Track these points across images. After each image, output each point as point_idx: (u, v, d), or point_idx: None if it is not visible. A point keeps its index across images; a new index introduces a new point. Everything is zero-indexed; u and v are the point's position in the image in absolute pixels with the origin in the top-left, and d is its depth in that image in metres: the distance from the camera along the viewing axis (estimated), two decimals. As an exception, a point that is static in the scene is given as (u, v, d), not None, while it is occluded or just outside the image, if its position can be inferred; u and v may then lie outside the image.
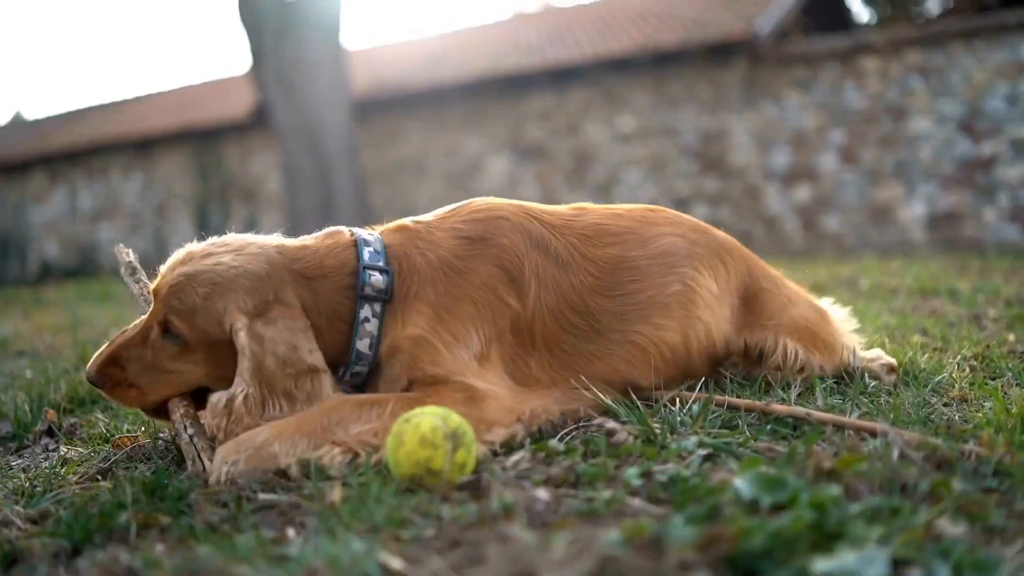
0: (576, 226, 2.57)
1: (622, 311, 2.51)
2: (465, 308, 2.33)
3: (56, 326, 6.92)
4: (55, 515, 1.93)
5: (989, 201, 12.40)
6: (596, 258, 2.53)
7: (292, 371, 2.20)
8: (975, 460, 1.83)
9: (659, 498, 1.74)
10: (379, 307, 2.34)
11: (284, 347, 2.21)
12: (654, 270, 2.57)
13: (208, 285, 2.24)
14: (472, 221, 2.47)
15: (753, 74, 13.84)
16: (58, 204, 20.86)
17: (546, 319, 2.42)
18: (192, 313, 2.23)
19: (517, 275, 2.40)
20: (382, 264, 2.36)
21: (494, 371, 2.31)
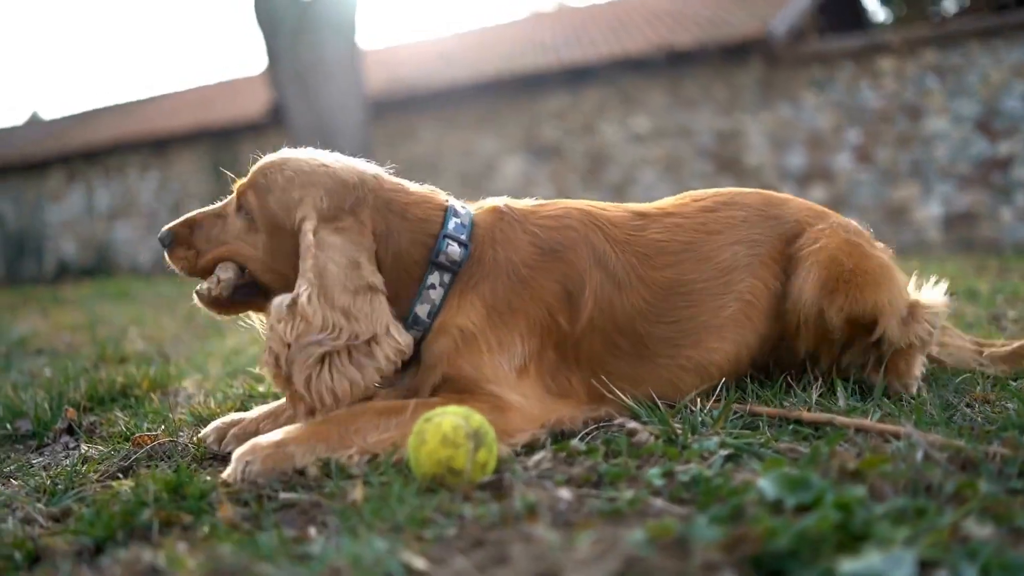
0: (637, 243, 2.49)
1: (672, 337, 2.46)
2: (518, 320, 2.30)
3: (74, 324, 6.96)
4: (77, 513, 1.93)
5: (1006, 201, 12.32)
6: (651, 281, 2.46)
7: (352, 286, 2.21)
8: (1000, 461, 1.81)
9: (682, 498, 1.73)
10: (448, 278, 2.34)
11: (346, 260, 2.23)
12: (711, 291, 2.51)
13: (294, 171, 2.32)
14: (546, 228, 2.43)
15: (768, 74, 13.80)
16: (75, 203, 20.96)
17: (594, 340, 2.39)
18: (268, 191, 2.32)
19: (576, 295, 2.37)
20: (464, 238, 2.36)
21: (529, 384, 2.28)
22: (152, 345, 5.26)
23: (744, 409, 2.36)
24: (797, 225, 2.64)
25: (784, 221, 2.64)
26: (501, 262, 2.35)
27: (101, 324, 6.79)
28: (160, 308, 8.37)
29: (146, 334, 5.95)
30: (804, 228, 2.62)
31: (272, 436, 2.09)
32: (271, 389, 3.26)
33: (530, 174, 15.39)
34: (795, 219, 2.65)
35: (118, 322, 6.94)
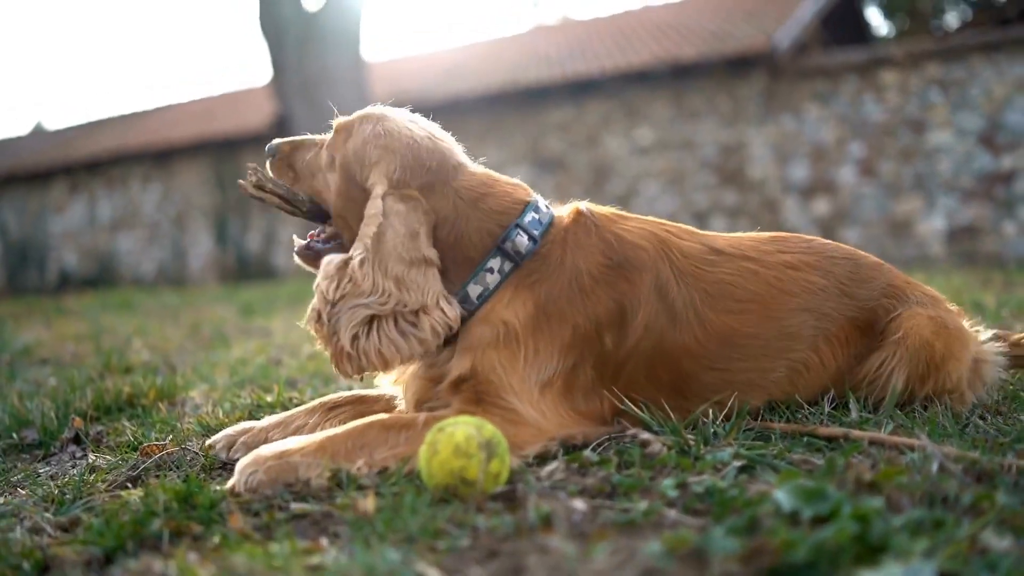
0: (704, 279, 2.41)
1: (715, 385, 2.40)
2: (564, 330, 2.26)
3: (78, 334, 6.95)
4: (86, 523, 1.92)
5: (1009, 215, 12.33)
6: (709, 323, 2.38)
7: (407, 256, 2.24)
8: (1015, 473, 1.80)
9: (696, 509, 1.72)
10: (508, 266, 2.33)
11: (405, 230, 2.26)
12: (766, 351, 2.44)
13: (383, 130, 2.38)
14: (621, 240, 2.39)
15: (772, 87, 13.82)
16: (77, 214, 20.97)
17: (636, 366, 2.33)
18: (350, 138, 2.40)
19: (629, 318, 2.32)
20: (536, 233, 2.36)
21: (551, 401, 2.24)
22: (157, 355, 5.25)
23: (757, 423, 2.35)
24: (875, 309, 2.55)
25: (861, 302, 2.55)
26: (567, 266, 2.32)
27: (105, 334, 6.78)
28: (164, 318, 8.37)
29: (151, 344, 5.94)
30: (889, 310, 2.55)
31: (277, 447, 2.08)
32: (279, 399, 3.25)
33: (535, 185, 15.05)
34: (875, 301, 2.56)
35: (122, 332, 6.93)
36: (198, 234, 19.20)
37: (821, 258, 2.59)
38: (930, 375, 2.46)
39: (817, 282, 2.52)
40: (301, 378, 4.02)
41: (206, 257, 19.08)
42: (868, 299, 2.56)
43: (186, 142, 19.11)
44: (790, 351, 2.46)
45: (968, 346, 2.58)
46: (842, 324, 2.52)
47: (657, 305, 2.34)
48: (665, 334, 2.34)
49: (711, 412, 2.35)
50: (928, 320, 2.50)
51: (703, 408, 2.35)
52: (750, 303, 2.44)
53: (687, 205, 14.32)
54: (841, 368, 2.53)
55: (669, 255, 2.41)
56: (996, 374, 2.68)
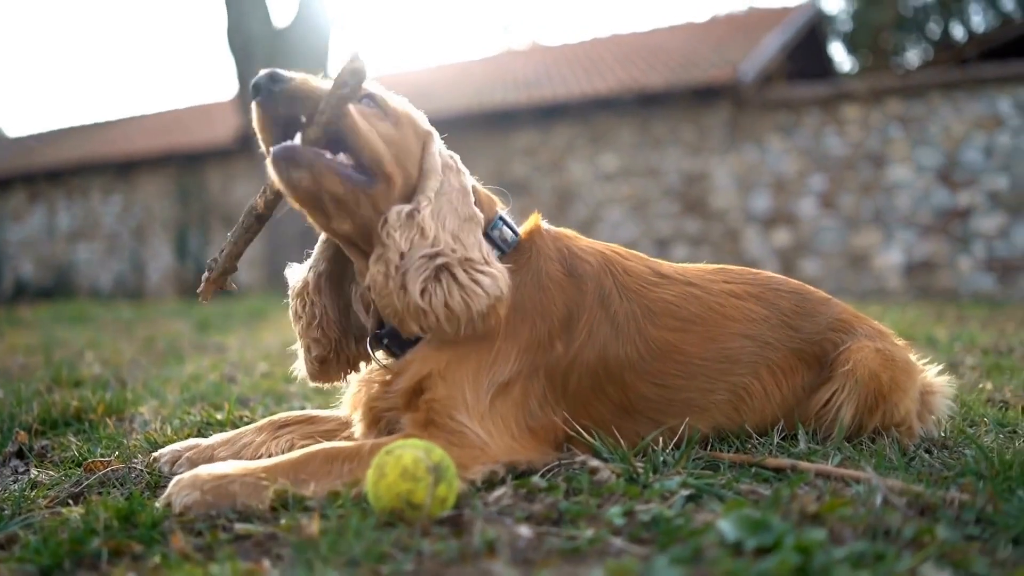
0: (646, 296, 2.47)
1: (657, 401, 2.42)
2: (523, 329, 2.30)
3: (29, 346, 6.85)
4: (24, 540, 1.88)
5: (965, 251, 12.53)
6: (650, 337, 2.42)
7: (463, 212, 2.30)
8: (958, 507, 1.82)
9: (642, 538, 1.71)
10: (495, 255, 2.34)
11: (459, 186, 2.37)
12: (706, 373, 2.47)
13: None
14: (572, 253, 2.47)
15: (736, 118, 13.98)
16: (36, 223, 20.72)
17: (581, 376, 2.35)
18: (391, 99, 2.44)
19: (575, 321, 2.36)
20: (515, 228, 2.48)
21: (504, 413, 2.23)
22: (109, 369, 5.17)
23: (706, 452, 2.36)
24: (822, 343, 2.59)
25: (806, 335, 2.59)
26: (533, 266, 2.39)
27: (57, 347, 6.68)
28: (118, 332, 8.26)
29: (103, 358, 5.86)
30: (837, 344, 2.59)
31: (217, 469, 2.04)
32: (230, 417, 3.21)
33: (497, 209, 15.39)
34: (820, 336, 2.60)
35: (74, 345, 6.83)
36: (158, 247, 19.04)
37: (765, 290, 2.63)
38: (878, 406, 2.50)
39: (759, 312, 2.57)
40: (254, 396, 3.98)
41: (165, 270, 18.91)
42: (814, 332, 2.60)
43: (149, 154, 18.98)
44: (730, 374, 2.49)
45: (914, 378, 2.63)
46: (785, 355, 2.56)
47: (599, 313, 2.39)
48: (607, 344, 2.38)
49: (661, 440, 2.37)
50: (875, 352, 2.53)
51: (653, 435, 2.36)
52: (691, 323, 2.48)
53: (650, 232, 14.41)
54: (787, 399, 2.56)
55: (612, 270, 2.47)
56: (945, 405, 2.74)
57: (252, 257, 17.10)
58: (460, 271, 2.17)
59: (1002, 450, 2.29)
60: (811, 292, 2.71)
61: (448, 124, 12.26)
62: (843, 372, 2.51)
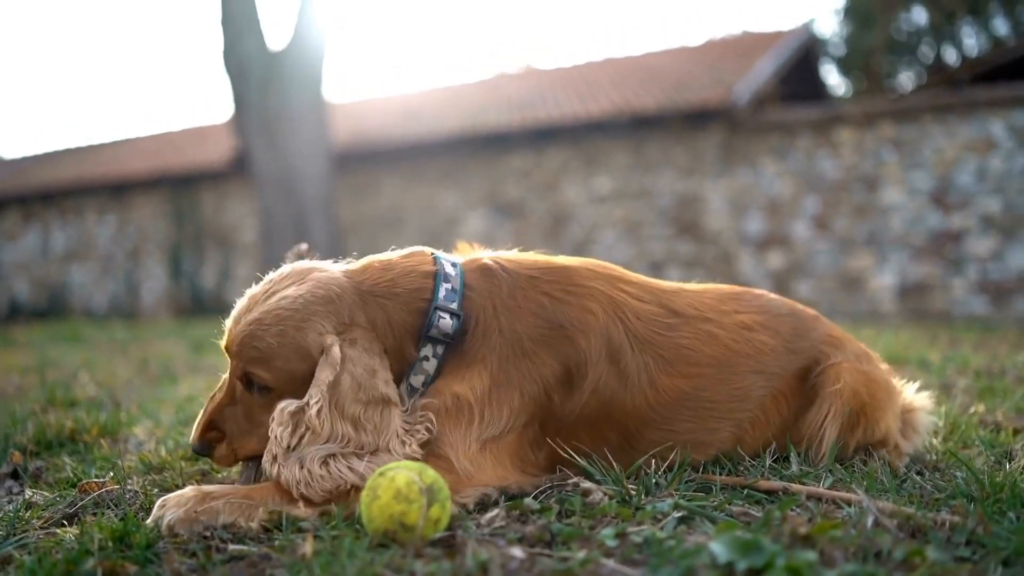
0: (660, 344, 2.40)
1: (659, 442, 2.39)
2: (512, 394, 2.23)
3: (24, 366, 6.84)
4: (18, 560, 1.88)
5: (958, 273, 12.57)
6: (662, 387, 2.38)
7: (364, 397, 2.12)
8: (948, 529, 1.84)
9: (634, 559, 1.72)
10: (441, 349, 2.26)
11: (363, 369, 2.14)
12: (716, 412, 2.46)
13: (279, 324, 2.16)
14: (560, 301, 2.34)
15: (730, 140, 14.04)
16: (30, 243, 20.71)
17: (579, 427, 2.33)
18: (270, 358, 2.16)
19: (577, 380, 2.29)
20: (455, 307, 2.27)
21: (495, 453, 2.22)
22: (103, 390, 5.17)
23: (698, 475, 2.37)
24: (814, 358, 2.62)
25: (803, 355, 2.61)
26: (506, 334, 2.27)
27: (51, 367, 6.67)
28: (113, 353, 8.26)
29: (97, 379, 5.86)
30: (820, 361, 2.61)
31: (206, 490, 2.05)
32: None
33: (492, 231, 15.46)
34: (814, 352, 2.62)
35: (69, 365, 6.82)
36: (152, 268, 19.03)
37: (770, 316, 2.63)
38: (859, 423, 2.54)
39: (768, 343, 2.56)
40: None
41: (160, 291, 18.89)
42: (809, 349, 2.63)
43: (144, 175, 18.99)
44: (738, 411, 2.49)
45: (894, 397, 2.68)
46: (788, 380, 2.57)
47: (607, 370, 2.32)
48: (615, 398, 2.33)
49: (653, 463, 2.37)
50: (859, 372, 2.57)
51: (645, 459, 2.37)
52: (706, 367, 2.45)
53: (643, 254, 14.44)
54: (786, 421, 2.58)
55: (622, 320, 2.38)
56: (927, 420, 2.80)
57: (248, 277, 17.10)
58: (350, 458, 2.09)
59: (993, 472, 2.30)
60: (802, 311, 2.74)
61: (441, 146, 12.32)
62: (832, 390, 2.52)
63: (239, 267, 17.73)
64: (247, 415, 2.24)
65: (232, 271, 17.82)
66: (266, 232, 13.87)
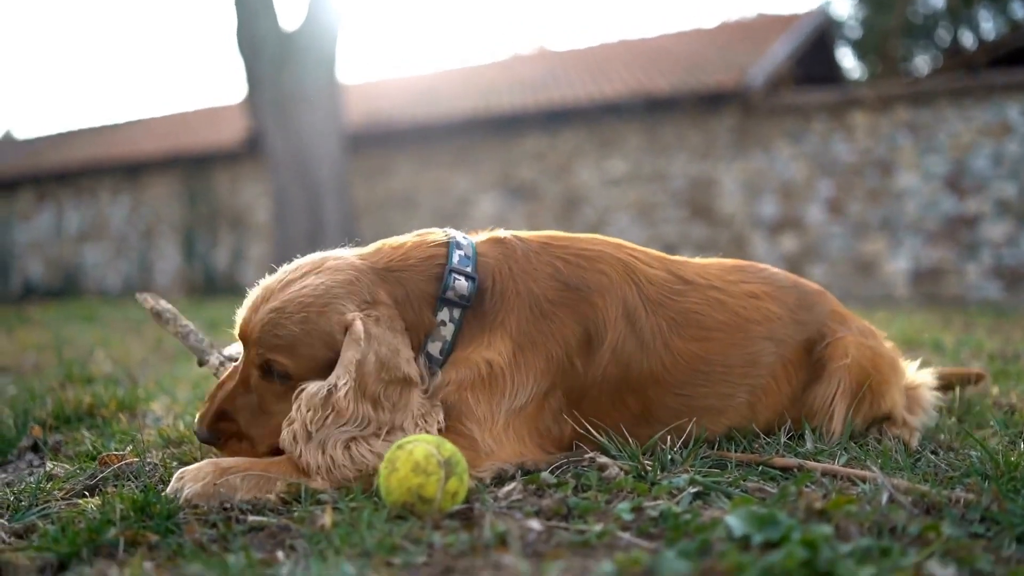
0: (671, 307, 2.44)
1: (677, 409, 2.42)
2: (539, 358, 2.26)
3: (40, 344, 6.89)
4: (42, 530, 1.91)
5: (972, 258, 12.51)
6: (676, 350, 2.41)
7: (387, 376, 2.13)
8: (963, 506, 1.85)
9: (650, 533, 1.74)
10: (459, 313, 2.27)
11: (387, 349, 2.15)
12: (729, 377, 2.49)
13: (302, 311, 2.16)
14: (574, 265, 2.38)
15: (744, 123, 13.99)
16: (44, 224, 20.79)
17: (601, 391, 2.35)
18: (294, 346, 2.16)
19: (596, 342, 2.32)
20: (469, 271, 2.29)
21: (516, 426, 2.23)
22: (119, 367, 5.20)
23: (714, 452, 2.38)
24: (820, 331, 2.65)
25: (809, 327, 2.65)
26: (524, 295, 2.29)
27: (67, 345, 6.71)
28: (128, 331, 8.30)
29: (113, 356, 5.89)
30: (826, 335, 2.64)
31: (224, 463, 2.07)
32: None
33: (505, 213, 15.46)
34: (820, 325, 2.66)
35: (84, 343, 6.86)
36: (165, 248, 19.10)
37: (775, 287, 2.67)
38: (865, 398, 2.56)
39: (775, 311, 2.60)
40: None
41: (173, 272, 18.96)
42: (815, 322, 2.66)
43: (157, 156, 19.03)
44: (751, 377, 2.52)
45: (899, 372, 2.73)
46: (796, 348, 2.61)
47: (625, 330, 2.35)
48: (632, 361, 2.36)
49: (669, 439, 2.39)
50: (865, 347, 2.62)
51: (661, 434, 2.39)
52: (716, 331, 2.48)
53: (657, 237, 14.42)
54: (795, 391, 2.61)
55: (636, 283, 2.42)
56: (931, 396, 2.86)
57: (261, 258, 17.17)
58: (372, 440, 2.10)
59: (1007, 452, 2.31)
60: (806, 284, 2.78)
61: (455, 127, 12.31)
62: (839, 365, 2.56)
63: (252, 248, 17.78)
64: (262, 404, 2.24)
65: (245, 252, 17.87)
66: (279, 213, 13.89)
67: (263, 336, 2.18)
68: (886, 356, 2.68)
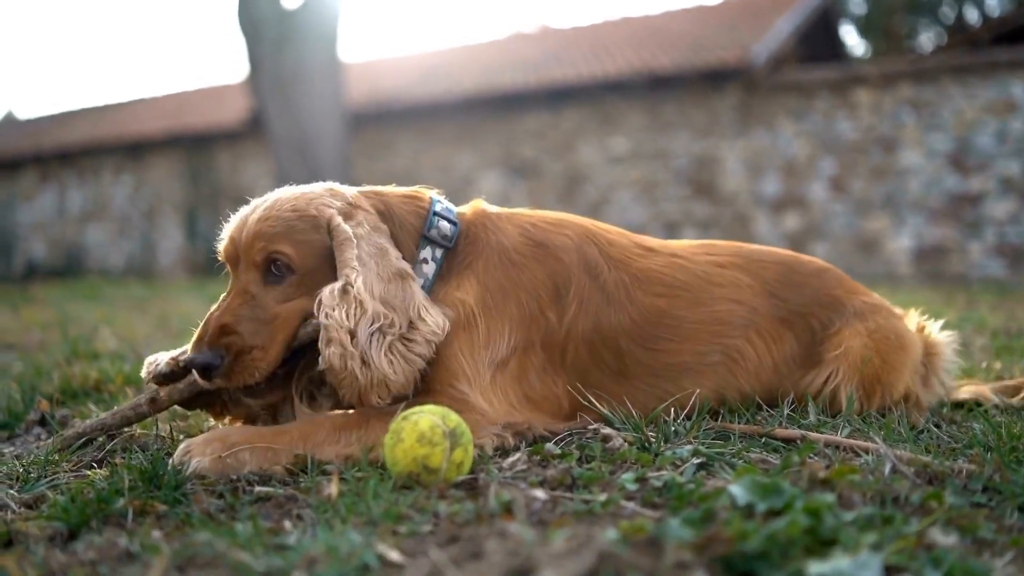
0: (633, 266, 2.52)
1: (653, 366, 2.46)
2: (509, 307, 2.34)
3: (45, 322, 6.91)
4: (51, 500, 1.93)
5: (975, 236, 12.51)
6: (641, 304, 2.47)
7: (385, 274, 2.22)
8: (965, 477, 1.86)
9: (654, 502, 1.75)
10: (440, 253, 2.39)
11: (374, 248, 2.25)
12: (698, 335, 2.51)
13: (290, 203, 2.28)
14: (538, 227, 2.50)
15: (747, 101, 13.95)
16: (47, 204, 20.79)
17: (579, 345, 2.40)
18: (291, 231, 2.23)
19: (563, 292, 2.40)
20: (453, 217, 2.44)
21: (504, 385, 2.29)
22: (125, 344, 5.22)
23: (716, 423, 2.39)
24: (806, 318, 2.62)
25: (792, 306, 2.62)
26: (493, 244, 2.40)
27: (72, 323, 6.73)
28: (132, 309, 8.32)
29: (118, 333, 5.91)
30: (815, 325, 2.61)
31: (228, 436, 2.08)
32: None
33: (507, 191, 15.44)
34: (806, 309, 2.62)
35: (89, 321, 6.88)
36: (168, 228, 19.10)
37: (748, 261, 2.69)
38: (875, 391, 2.56)
39: (743, 279, 2.62)
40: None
41: (175, 251, 18.97)
42: (800, 304, 2.63)
43: (159, 135, 19.00)
44: (722, 336, 2.54)
45: (909, 353, 2.66)
46: (772, 322, 2.60)
47: (587, 282, 2.44)
48: (600, 313, 2.43)
49: (672, 411, 2.40)
50: (866, 335, 2.57)
51: (665, 405, 2.40)
52: (679, 289, 2.54)
53: (659, 216, 14.41)
54: (779, 367, 2.59)
55: (595, 243, 2.52)
56: (948, 363, 2.81)
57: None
58: (400, 346, 2.15)
59: (1010, 423, 2.32)
60: (801, 263, 2.74)
61: (457, 106, 12.27)
62: (835, 356, 2.55)
63: (255, 227, 17.76)
64: (266, 308, 2.22)
65: (248, 231, 17.85)
66: (282, 192, 13.87)
67: (260, 232, 2.25)
68: (892, 338, 2.61)
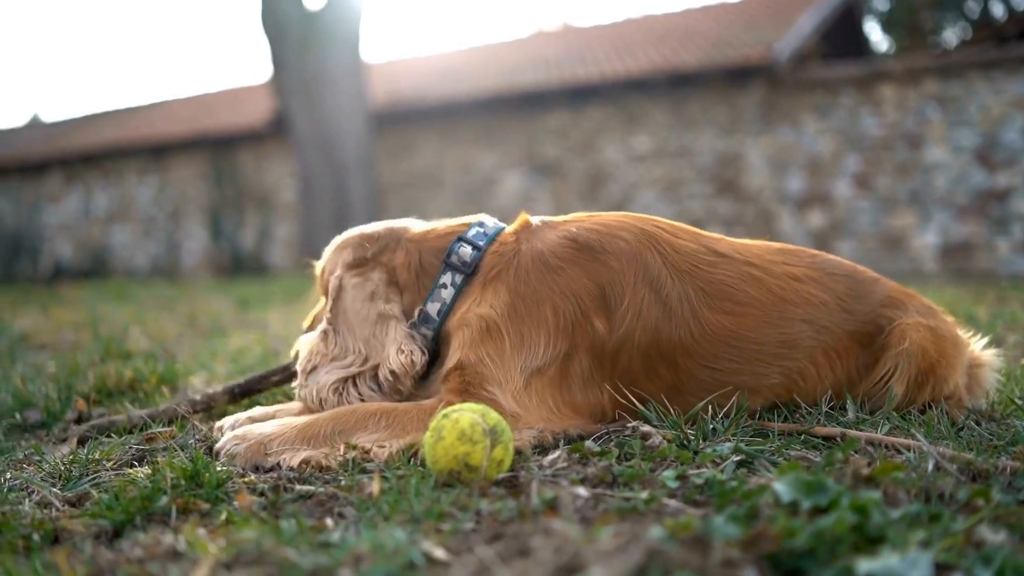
0: (701, 277, 2.42)
1: (708, 383, 2.40)
2: (543, 311, 2.29)
3: (76, 322, 6.95)
4: (95, 498, 1.94)
5: (1003, 233, 12.39)
6: (705, 321, 2.39)
7: (368, 316, 2.46)
8: (1009, 474, 1.84)
9: (696, 500, 1.75)
10: (459, 278, 2.44)
11: (363, 294, 2.49)
12: (762, 356, 2.44)
13: (334, 246, 2.68)
14: (588, 230, 2.42)
15: (771, 98, 13.88)
16: (73, 205, 20.94)
17: (633, 356, 2.34)
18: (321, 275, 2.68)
19: (614, 301, 2.33)
20: (481, 244, 2.47)
21: (541, 391, 2.26)
22: (156, 344, 5.26)
23: (755, 421, 2.38)
24: (875, 323, 2.56)
25: (860, 317, 2.55)
26: (524, 252, 2.39)
27: (102, 323, 6.78)
28: (160, 309, 8.37)
29: (149, 333, 5.95)
30: (883, 325, 2.55)
31: (265, 429, 2.20)
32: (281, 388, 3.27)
33: (530, 190, 15.44)
34: (874, 315, 2.56)
35: (119, 321, 6.92)
36: (192, 229, 19.19)
37: (823, 274, 2.58)
38: (927, 381, 2.49)
39: (819, 296, 2.52)
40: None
41: (200, 252, 19.07)
42: (867, 312, 2.56)
43: (183, 137, 19.10)
44: (786, 359, 2.46)
45: (963, 352, 2.63)
46: (841, 338, 2.52)
47: (647, 295, 2.35)
48: (661, 327, 2.35)
49: (710, 408, 2.39)
50: (926, 328, 2.52)
51: (702, 404, 2.39)
52: (749, 307, 2.44)
53: (683, 213, 14.36)
54: (840, 379, 2.54)
55: (658, 250, 2.42)
56: (992, 378, 2.74)
57: (287, 238, 17.25)
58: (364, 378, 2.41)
59: (1051, 420, 2.30)
60: (861, 273, 2.68)
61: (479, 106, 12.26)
62: (897, 352, 2.48)
63: (278, 228, 17.83)
64: None
65: (272, 232, 17.93)
66: (305, 193, 13.95)
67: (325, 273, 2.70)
68: (948, 336, 2.57)
